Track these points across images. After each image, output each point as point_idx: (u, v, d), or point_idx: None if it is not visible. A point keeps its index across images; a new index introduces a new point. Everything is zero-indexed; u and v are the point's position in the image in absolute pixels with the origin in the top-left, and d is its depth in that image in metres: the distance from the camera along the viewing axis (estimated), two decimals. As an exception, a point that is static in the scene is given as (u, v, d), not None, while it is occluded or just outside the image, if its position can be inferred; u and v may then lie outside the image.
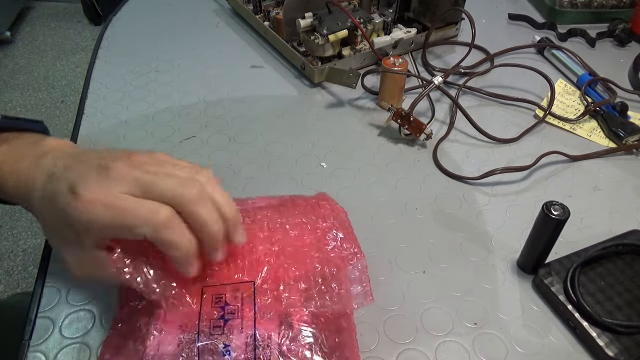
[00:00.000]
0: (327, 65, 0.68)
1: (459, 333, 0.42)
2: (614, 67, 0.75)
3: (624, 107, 0.64)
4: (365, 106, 0.66)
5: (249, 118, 0.63)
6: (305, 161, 0.58)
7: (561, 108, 0.67)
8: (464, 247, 0.49)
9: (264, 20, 0.77)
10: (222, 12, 0.85)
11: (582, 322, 0.41)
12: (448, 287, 0.45)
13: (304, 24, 0.67)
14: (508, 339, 0.42)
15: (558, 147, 0.60)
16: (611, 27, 0.82)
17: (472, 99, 0.68)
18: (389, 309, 0.43)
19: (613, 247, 0.46)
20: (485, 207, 0.53)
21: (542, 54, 0.77)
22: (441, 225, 0.51)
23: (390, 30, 0.74)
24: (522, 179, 0.56)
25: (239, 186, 0.54)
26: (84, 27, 2.55)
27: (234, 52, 0.76)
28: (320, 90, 0.69)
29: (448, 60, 0.76)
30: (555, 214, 0.41)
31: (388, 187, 0.55)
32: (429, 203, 0.53)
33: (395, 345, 0.41)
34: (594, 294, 0.43)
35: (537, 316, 0.43)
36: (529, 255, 0.46)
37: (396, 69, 0.62)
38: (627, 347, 0.39)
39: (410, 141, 0.61)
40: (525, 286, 0.46)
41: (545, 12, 0.87)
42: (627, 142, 0.60)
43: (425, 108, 0.66)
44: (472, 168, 0.57)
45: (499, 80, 0.72)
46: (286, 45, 0.71)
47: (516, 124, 0.64)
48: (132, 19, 0.84)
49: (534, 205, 0.53)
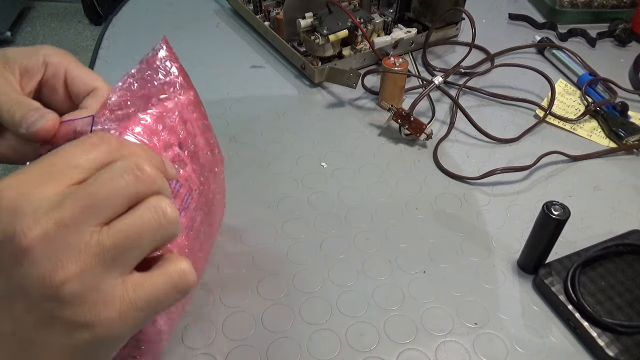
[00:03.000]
0: (327, 65, 0.67)
1: (459, 333, 0.42)
2: (614, 67, 0.75)
3: (625, 107, 0.64)
4: (366, 106, 0.66)
5: (249, 118, 0.63)
6: (305, 161, 0.58)
7: (561, 108, 0.67)
8: (464, 247, 0.49)
9: (264, 20, 0.77)
10: (222, 12, 0.85)
11: (583, 322, 0.41)
12: (448, 287, 0.45)
13: (304, 24, 0.67)
14: (508, 339, 0.42)
15: (558, 147, 0.59)
16: (611, 27, 0.82)
17: (472, 99, 0.68)
18: (389, 309, 0.43)
19: (613, 247, 0.46)
20: (486, 207, 0.53)
21: (543, 54, 0.77)
22: (441, 225, 0.51)
23: (390, 30, 0.74)
24: (523, 179, 0.56)
25: (239, 186, 0.54)
26: (85, 27, 2.55)
27: (234, 52, 0.76)
28: (321, 90, 0.69)
29: (448, 60, 0.76)
30: (555, 214, 0.41)
31: (388, 187, 0.55)
32: (429, 203, 0.53)
33: (395, 345, 0.41)
34: (594, 294, 0.43)
35: (538, 316, 0.43)
36: (529, 255, 0.46)
37: (396, 69, 0.62)
38: (627, 347, 0.39)
39: (410, 141, 0.61)
40: (525, 286, 0.46)
41: (545, 12, 0.87)
42: (627, 142, 0.60)
43: (425, 108, 0.66)
44: (473, 168, 0.57)
45: (499, 80, 0.72)
46: (286, 45, 0.71)
47: (516, 124, 0.64)
48: (133, 19, 0.84)
49: (534, 205, 0.53)
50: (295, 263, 0.47)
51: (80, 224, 0.22)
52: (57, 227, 0.22)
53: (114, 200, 0.23)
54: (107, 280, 0.23)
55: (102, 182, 0.23)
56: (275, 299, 0.44)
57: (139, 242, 0.23)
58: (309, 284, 0.45)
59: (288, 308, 0.43)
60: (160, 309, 0.25)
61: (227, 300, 0.44)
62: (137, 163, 0.24)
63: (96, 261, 0.22)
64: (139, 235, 0.23)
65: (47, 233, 0.22)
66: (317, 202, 0.53)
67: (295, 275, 0.46)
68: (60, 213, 0.22)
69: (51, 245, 0.22)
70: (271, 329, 0.42)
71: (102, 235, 0.22)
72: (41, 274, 0.22)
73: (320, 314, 0.43)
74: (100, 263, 0.22)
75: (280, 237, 0.49)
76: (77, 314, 0.22)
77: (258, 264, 0.47)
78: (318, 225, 0.50)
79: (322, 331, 0.42)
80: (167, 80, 0.34)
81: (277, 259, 0.47)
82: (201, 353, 0.40)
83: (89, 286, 0.22)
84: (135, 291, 0.23)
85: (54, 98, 0.34)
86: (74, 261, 0.22)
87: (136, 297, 0.23)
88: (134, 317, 0.23)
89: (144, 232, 0.23)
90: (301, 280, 0.45)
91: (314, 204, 0.53)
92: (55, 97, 0.34)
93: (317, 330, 0.42)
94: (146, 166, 0.24)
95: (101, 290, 0.22)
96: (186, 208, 0.33)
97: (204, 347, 0.40)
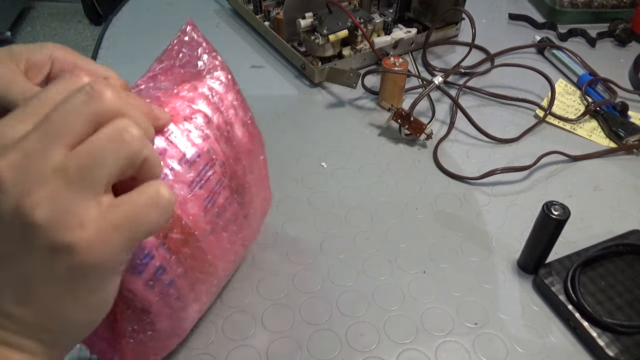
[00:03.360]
0: (327, 65, 0.67)
1: (459, 333, 0.42)
2: (614, 67, 0.75)
3: (625, 107, 0.64)
4: (366, 106, 0.66)
5: (249, 118, 0.63)
6: (305, 161, 0.58)
7: (561, 108, 0.67)
8: (464, 247, 0.49)
9: (264, 20, 0.77)
10: (222, 12, 0.85)
11: (583, 322, 0.41)
12: (448, 287, 0.45)
13: (304, 24, 0.67)
14: (508, 339, 0.42)
15: (558, 147, 0.59)
16: (611, 27, 0.82)
17: (472, 99, 0.68)
18: (389, 309, 0.43)
19: (613, 247, 0.46)
20: (486, 207, 0.53)
21: (543, 54, 0.77)
22: (441, 225, 0.51)
23: (390, 30, 0.74)
24: (523, 179, 0.56)
25: (239, 186, 0.54)
26: (85, 28, 2.55)
27: (234, 52, 0.76)
28: (321, 90, 0.69)
29: (448, 60, 0.76)
30: (555, 214, 0.41)
31: (388, 187, 0.55)
32: (429, 203, 0.53)
33: (395, 345, 0.41)
34: (594, 294, 0.43)
35: (538, 316, 0.43)
36: (529, 255, 0.46)
37: (396, 69, 0.62)
38: (627, 347, 0.39)
39: (410, 141, 0.61)
40: (525, 286, 0.46)
41: (545, 12, 0.87)
42: (627, 142, 0.60)
43: (425, 108, 0.66)
44: (473, 168, 0.57)
45: (499, 80, 0.72)
46: (286, 45, 0.71)
47: (516, 124, 0.64)
48: (133, 19, 0.84)
49: (534, 205, 0.53)
50: (295, 263, 0.47)
51: (45, 149, 0.23)
52: (24, 156, 0.23)
53: (72, 122, 0.23)
54: (79, 202, 0.23)
55: (59, 107, 0.24)
56: (275, 299, 0.44)
57: (102, 161, 0.23)
58: (309, 284, 0.45)
59: (288, 308, 0.43)
60: (142, 230, 0.25)
61: (227, 300, 0.44)
62: (93, 85, 0.24)
63: (63, 183, 0.23)
64: (101, 153, 0.23)
65: (14, 162, 0.22)
66: (317, 202, 0.53)
67: (295, 275, 0.46)
68: (25, 143, 0.23)
69: (19, 173, 0.22)
70: (271, 329, 0.42)
71: (67, 158, 0.23)
72: (13, 202, 0.22)
73: (320, 314, 0.43)
74: (68, 185, 0.23)
75: (280, 237, 0.49)
76: (53, 237, 0.23)
77: (258, 264, 0.47)
78: (318, 225, 0.50)
79: (322, 331, 0.42)
80: (199, 60, 0.36)
81: (277, 258, 0.47)
82: (201, 353, 0.40)
83: (60, 209, 0.23)
84: (111, 211, 0.24)
85: None
86: (42, 186, 0.22)
87: (113, 217, 0.24)
88: (114, 238, 0.24)
89: (106, 151, 0.24)
90: (301, 280, 0.45)
91: (314, 204, 0.53)
92: None
93: (317, 330, 0.42)
94: (104, 90, 0.24)
95: (74, 212, 0.23)
96: (204, 179, 0.33)
97: (204, 347, 0.40)
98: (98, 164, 0.23)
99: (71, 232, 0.23)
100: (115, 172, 0.24)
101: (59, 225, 0.23)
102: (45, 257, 0.23)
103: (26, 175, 0.22)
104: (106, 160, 0.24)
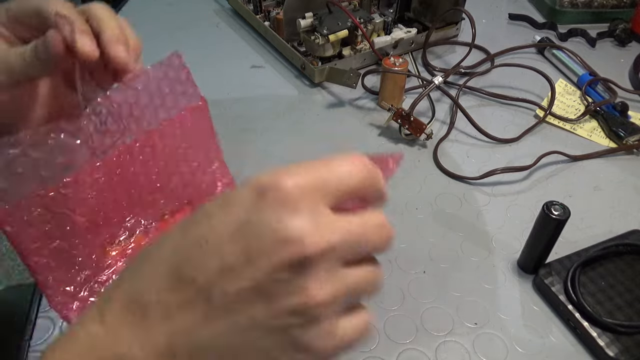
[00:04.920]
0: (327, 65, 0.67)
1: (459, 333, 0.42)
2: (614, 67, 0.75)
3: (625, 107, 0.64)
4: (366, 106, 0.66)
5: (249, 118, 0.63)
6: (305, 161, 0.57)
7: (561, 108, 0.67)
8: (464, 247, 0.49)
9: (264, 20, 0.77)
10: (222, 12, 0.85)
11: (583, 322, 0.41)
12: (448, 287, 0.45)
13: (304, 24, 0.67)
14: (508, 338, 0.42)
15: (558, 147, 0.59)
16: (611, 27, 0.82)
17: (472, 99, 0.68)
18: (389, 309, 0.43)
19: (613, 247, 0.46)
20: (486, 207, 0.53)
21: (543, 54, 0.77)
22: (441, 225, 0.51)
23: (390, 30, 0.74)
24: (523, 179, 0.56)
25: (239, 186, 0.54)
26: (85, 27, 2.54)
27: (234, 52, 0.76)
28: (321, 90, 0.69)
29: (448, 60, 0.76)
30: (555, 214, 0.41)
31: (388, 187, 0.55)
32: (429, 203, 0.53)
33: (395, 345, 0.41)
34: (594, 294, 0.43)
35: (538, 316, 0.43)
36: (530, 255, 0.46)
37: (396, 69, 0.62)
38: (627, 347, 0.39)
39: (410, 141, 0.61)
40: (525, 286, 0.46)
41: (545, 12, 0.87)
42: (627, 142, 0.60)
43: (425, 108, 0.66)
44: (472, 168, 0.57)
45: (499, 80, 0.72)
46: (286, 45, 0.71)
47: (516, 124, 0.64)
48: (132, 19, 0.83)
49: (534, 205, 0.53)
50: (295, 263, 0.47)
51: (340, 257, 0.23)
52: (329, 248, 0.22)
53: (364, 250, 0.25)
54: (337, 316, 0.23)
55: (370, 232, 0.25)
56: (275, 299, 0.44)
57: (363, 293, 0.25)
58: (309, 284, 0.45)
59: (288, 308, 0.43)
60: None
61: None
62: (384, 223, 0.26)
63: (342, 296, 0.23)
64: (366, 287, 0.25)
65: (324, 250, 0.22)
66: (317, 202, 0.53)
67: (295, 275, 0.46)
68: (333, 236, 0.22)
69: (324, 263, 0.22)
70: (271, 329, 0.42)
71: (349, 274, 0.23)
72: (305, 287, 0.22)
73: (320, 314, 0.43)
74: (342, 300, 0.23)
75: (280, 237, 0.49)
76: (309, 336, 0.22)
77: (258, 264, 0.46)
78: (318, 225, 0.50)
79: (322, 331, 0.42)
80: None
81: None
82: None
83: (328, 316, 0.23)
84: (344, 334, 0.24)
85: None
86: (329, 288, 0.22)
87: (345, 340, 0.24)
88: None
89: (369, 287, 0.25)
90: (301, 280, 0.45)
91: (314, 204, 0.53)
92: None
93: (317, 330, 0.42)
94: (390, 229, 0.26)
95: (332, 324, 0.23)
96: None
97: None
98: (360, 293, 0.25)
99: (321, 341, 0.23)
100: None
101: (318, 330, 0.23)
102: (288, 348, 0.23)
103: (324, 270, 0.22)
104: (363, 293, 0.25)
